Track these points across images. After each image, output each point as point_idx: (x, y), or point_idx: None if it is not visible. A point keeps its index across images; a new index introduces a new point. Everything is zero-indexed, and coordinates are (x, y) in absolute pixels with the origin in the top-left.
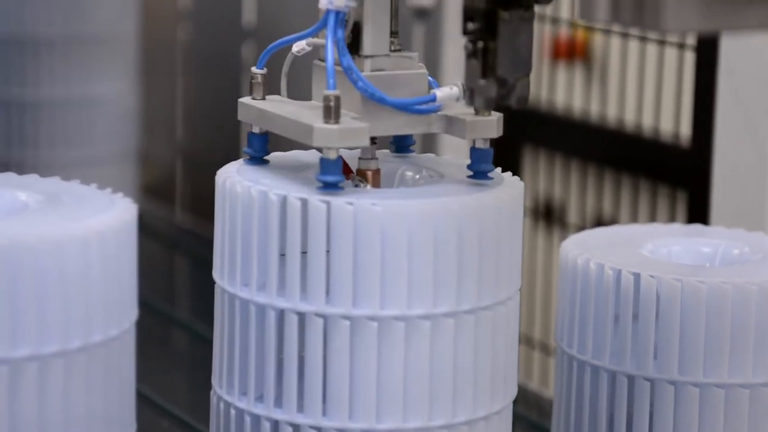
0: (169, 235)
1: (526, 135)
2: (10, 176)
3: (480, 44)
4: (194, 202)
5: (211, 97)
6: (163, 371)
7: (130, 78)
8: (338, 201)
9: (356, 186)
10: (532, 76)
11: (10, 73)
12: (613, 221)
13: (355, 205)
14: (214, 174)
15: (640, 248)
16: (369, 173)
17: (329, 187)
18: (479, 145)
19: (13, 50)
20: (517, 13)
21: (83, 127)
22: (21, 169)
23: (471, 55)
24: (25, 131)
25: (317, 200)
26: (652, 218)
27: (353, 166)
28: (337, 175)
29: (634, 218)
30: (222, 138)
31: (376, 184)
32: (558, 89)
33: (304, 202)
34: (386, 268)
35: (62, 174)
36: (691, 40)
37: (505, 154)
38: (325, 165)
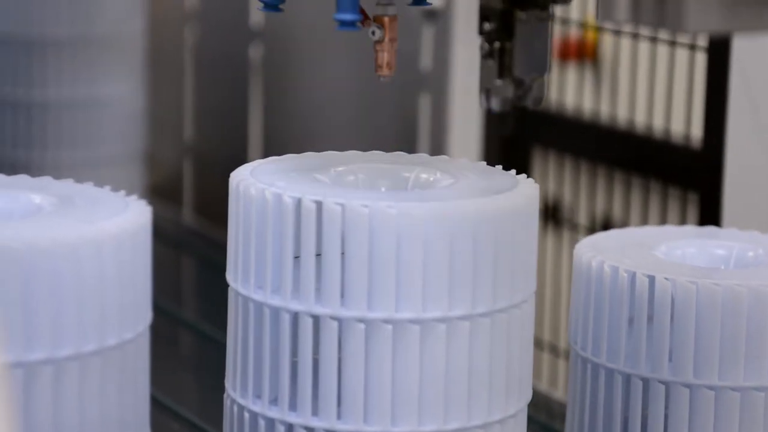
0: (176, 236)
1: (536, 136)
2: (23, 179)
3: (496, 45)
4: (201, 203)
5: (219, 97)
6: (170, 372)
7: (137, 79)
8: (353, 203)
9: (372, 33)
10: None
11: (17, 73)
12: (623, 223)
13: (370, 207)
14: (222, 175)
15: (654, 250)
16: (386, 19)
17: (346, 26)
18: None
19: (20, 51)
20: (534, 13)
21: (90, 128)
22: (28, 170)
23: (487, 55)
24: (32, 132)
25: (332, 203)
26: (663, 220)
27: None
28: (354, 12)
29: (644, 220)
30: (229, 139)
31: (393, 32)
32: (568, 90)
33: (319, 205)
34: (401, 270)
35: (69, 175)
36: (702, 42)
37: (514, 156)
38: (342, 3)
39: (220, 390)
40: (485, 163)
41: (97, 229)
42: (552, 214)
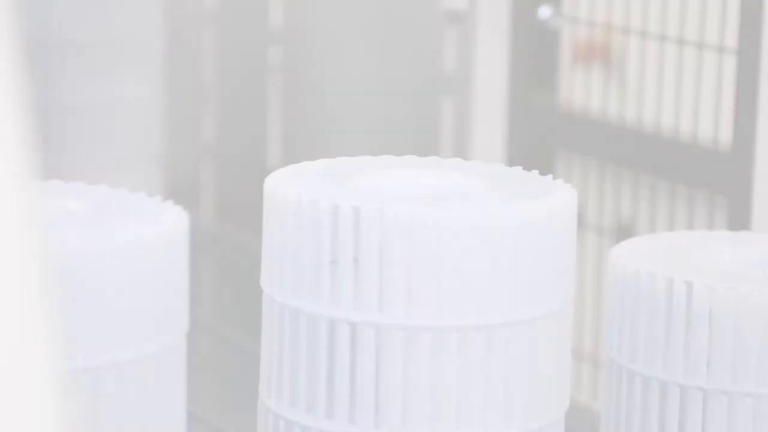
0: (193, 239)
1: (560, 139)
2: (56, 184)
3: None
4: (220, 205)
5: (237, 99)
6: (191, 377)
7: (155, 80)
8: (392, 209)
9: None
10: (565, 79)
11: (33, 76)
12: (649, 228)
13: (409, 213)
14: (241, 177)
15: (690, 255)
16: None
17: None
18: None
19: (37, 53)
20: None
21: (108, 130)
22: (45, 173)
23: None
24: (49, 134)
25: (371, 209)
26: (690, 225)
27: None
28: None
29: (671, 225)
30: (248, 141)
31: None
32: (593, 93)
33: (356, 210)
34: (440, 277)
35: (87, 177)
36: (731, 42)
37: (539, 159)
38: None
39: (241, 394)
40: (520, 167)
41: (136, 236)
42: (576, 219)
